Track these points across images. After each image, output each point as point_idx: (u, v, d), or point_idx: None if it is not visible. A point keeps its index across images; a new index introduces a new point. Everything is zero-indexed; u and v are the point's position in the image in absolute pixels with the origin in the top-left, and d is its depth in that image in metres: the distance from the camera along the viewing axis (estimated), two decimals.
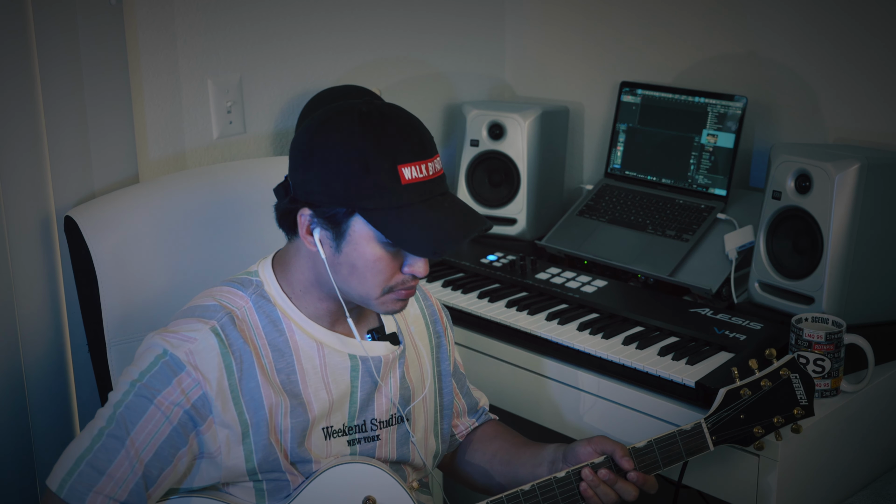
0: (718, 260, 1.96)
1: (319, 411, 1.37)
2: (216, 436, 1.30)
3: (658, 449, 1.46)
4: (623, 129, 2.24)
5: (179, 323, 1.34)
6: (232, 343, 1.32)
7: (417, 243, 1.26)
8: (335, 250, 1.30)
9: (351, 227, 1.28)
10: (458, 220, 1.29)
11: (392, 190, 1.25)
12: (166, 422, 1.28)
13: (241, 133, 2.06)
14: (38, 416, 1.77)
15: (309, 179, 1.28)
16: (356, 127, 1.26)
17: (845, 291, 1.72)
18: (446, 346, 1.56)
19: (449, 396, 1.56)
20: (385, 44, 2.30)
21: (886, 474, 1.76)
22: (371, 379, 1.41)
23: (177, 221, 1.70)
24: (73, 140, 1.75)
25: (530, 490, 1.40)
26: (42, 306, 1.75)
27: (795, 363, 1.52)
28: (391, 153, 1.25)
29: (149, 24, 1.88)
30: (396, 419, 1.45)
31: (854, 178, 1.69)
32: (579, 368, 1.79)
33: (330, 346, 1.38)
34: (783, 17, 2.08)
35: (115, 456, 1.27)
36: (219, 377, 1.30)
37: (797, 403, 1.51)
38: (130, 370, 1.32)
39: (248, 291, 1.37)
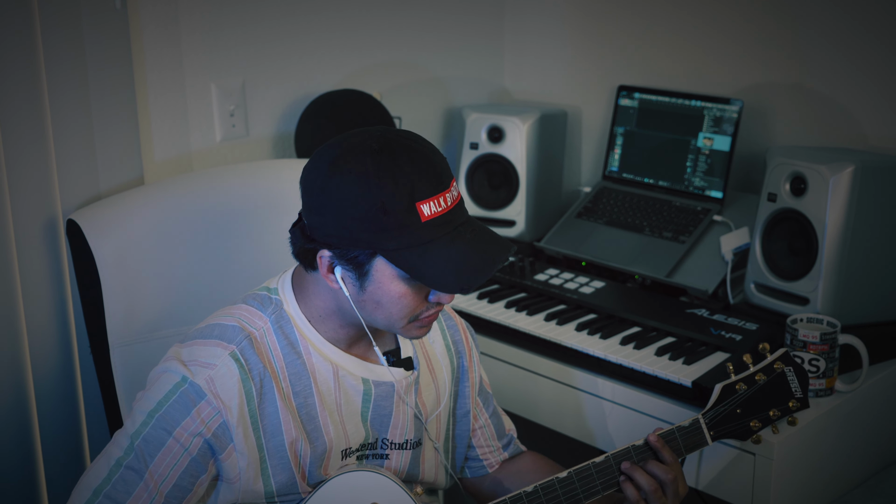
0: (715, 261, 1.97)
1: (336, 433, 1.36)
2: (236, 464, 1.29)
3: None
4: (620, 132, 2.25)
5: (198, 345, 1.31)
6: (252, 368, 1.30)
7: (443, 281, 1.23)
8: (359, 289, 1.28)
9: (374, 267, 1.25)
10: (483, 251, 1.26)
11: (413, 228, 1.21)
12: (185, 453, 1.26)
13: (244, 136, 2.07)
14: (45, 419, 1.77)
15: (326, 223, 1.25)
16: (370, 168, 1.21)
17: (840, 292, 1.73)
18: (467, 366, 1.53)
19: (463, 420, 1.53)
20: (385, 48, 2.31)
21: (881, 472, 1.77)
22: (383, 403, 1.39)
23: (180, 223, 1.70)
24: (78, 143, 1.75)
25: (567, 477, 1.39)
26: (48, 308, 1.75)
27: (789, 357, 1.52)
28: (408, 191, 1.21)
29: (153, 29, 1.88)
30: (411, 444, 1.44)
31: (848, 181, 1.69)
32: (577, 368, 1.80)
33: (345, 368, 1.36)
34: (779, 21, 2.08)
35: (134, 489, 1.25)
36: (239, 403, 1.28)
37: (792, 396, 1.51)
38: (148, 397, 1.29)
39: (268, 311, 1.35)
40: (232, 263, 1.73)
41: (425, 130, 2.45)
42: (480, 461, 1.58)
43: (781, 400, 1.50)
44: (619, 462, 1.41)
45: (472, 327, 1.59)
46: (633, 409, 1.72)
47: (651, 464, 1.41)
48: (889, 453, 1.81)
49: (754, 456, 1.57)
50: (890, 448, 1.81)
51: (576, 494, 1.40)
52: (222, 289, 1.72)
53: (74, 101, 1.73)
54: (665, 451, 1.42)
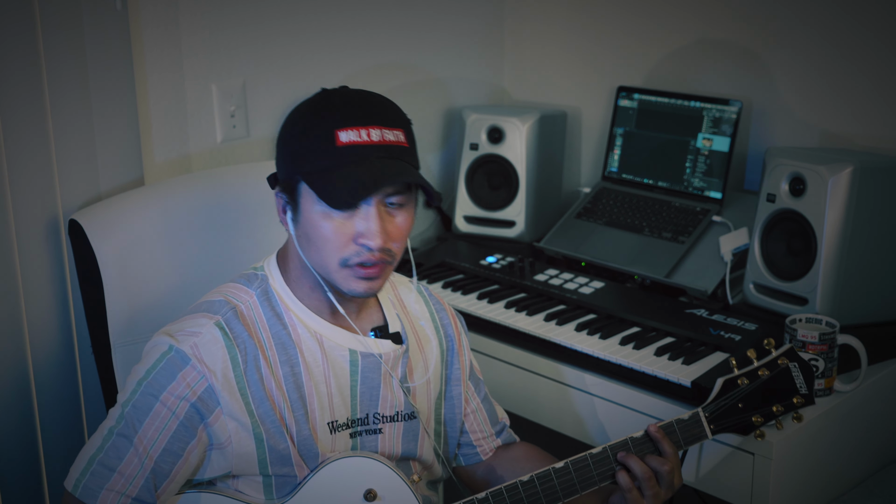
0: (714, 262, 1.97)
1: (320, 404, 1.38)
2: (225, 426, 1.32)
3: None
4: (620, 132, 2.25)
5: (186, 319, 1.36)
6: (237, 336, 1.34)
7: (338, 196, 1.26)
8: (295, 223, 1.34)
9: (301, 195, 1.31)
10: (386, 173, 1.28)
11: (327, 152, 1.27)
12: (172, 417, 1.30)
13: (245, 137, 2.07)
14: (47, 418, 1.77)
15: (276, 160, 1.36)
16: (307, 102, 1.34)
17: (839, 292, 1.73)
18: (457, 349, 1.55)
19: (454, 401, 1.55)
20: (385, 49, 2.31)
21: (879, 472, 1.77)
22: (372, 375, 1.41)
23: (181, 223, 1.70)
24: (79, 144, 1.75)
25: (563, 467, 1.40)
26: (50, 308, 1.75)
27: (794, 352, 1.51)
28: (330, 119, 1.28)
29: (154, 30, 1.88)
30: (402, 416, 1.45)
31: (847, 181, 1.70)
32: (577, 368, 1.80)
33: (331, 339, 1.39)
34: (778, 23, 2.09)
35: (125, 454, 1.30)
36: (224, 369, 1.32)
37: (797, 392, 1.50)
38: (138, 368, 1.34)
39: (254, 286, 1.40)
40: (233, 263, 1.73)
41: (425, 131, 2.45)
42: (474, 447, 1.59)
43: (785, 396, 1.50)
44: (615, 453, 1.42)
45: (463, 319, 1.61)
46: (632, 409, 1.73)
47: (648, 457, 1.42)
48: (888, 453, 1.82)
49: (753, 455, 1.57)
50: (888, 448, 1.82)
51: (572, 485, 1.40)
52: None
53: (75, 102, 1.74)
54: (665, 442, 1.43)
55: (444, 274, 2.14)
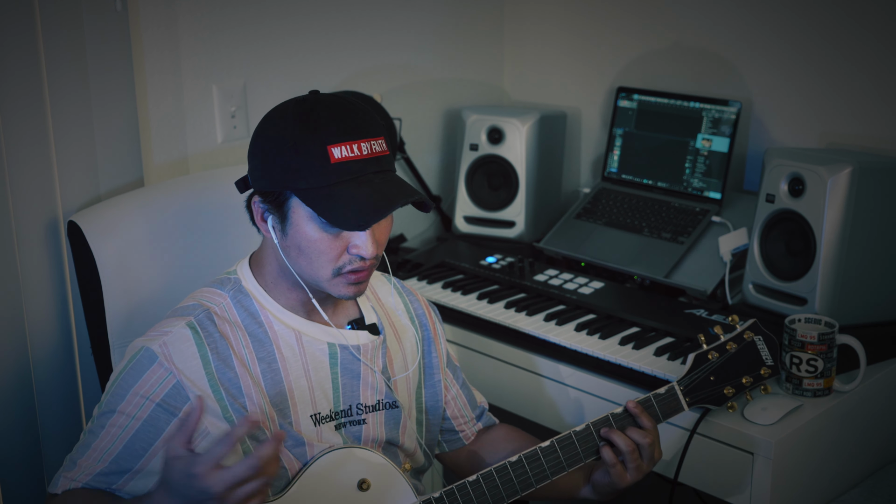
0: (713, 262, 1.98)
1: (301, 398, 1.39)
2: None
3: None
4: (619, 133, 2.26)
5: (160, 324, 1.39)
6: (208, 336, 1.36)
7: (343, 218, 1.28)
8: (283, 234, 1.35)
9: (291, 209, 1.32)
10: (388, 194, 1.31)
11: (322, 169, 1.28)
12: (137, 415, 1.32)
13: (246, 138, 2.07)
14: (47, 418, 1.78)
15: (255, 167, 1.35)
16: (289, 112, 1.32)
17: (837, 293, 1.74)
18: (432, 337, 1.58)
19: (435, 388, 1.57)
20: (385, 50, 2.32)
21: (878, 472, 1.77)
22: (351, 366, 1.44)
23: (180, 225, 1.71)
24: (79, 145, 1.76)
25: (549, 446, 1.45)
26: (50, 309, 1.76)
27: (758, 326, 1.58)
28: (321, 134, 1.29)
29: (154, 31, 1.89)
30: (383, 405, 1.47)
31: (846, 182, 1.70)
32: (577, 368, 1.81)
33: (308, 334, 1.41)
34: (778, 24, 2.09)
35: (87, 449, 1.34)
36: (193, 366, 1.33)
37: (763, 364, 1.57)
38: (114, 372, 1.38)
39: (227, 288, 1.42)
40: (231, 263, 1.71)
41: (425, 132, 2.46)
42: (457, 433, 1.62)
43: (753, 368, 1.57)
44: (598, 429, 1.47)
45: (437, 308, 1.64)
46: None
47: (630, 429, 1.47)
48: (887, 453, 1.82)
49: (752, 455, 1.58)
50: (887, 448, 1.82)
51: (559, 462, 1.45)
52: None
53: (75, 103, 1.74)
54: (644, 416, 1.48)
55: (444, 274, 2.15)
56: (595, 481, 1.50)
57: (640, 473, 1.46)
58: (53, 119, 1.72)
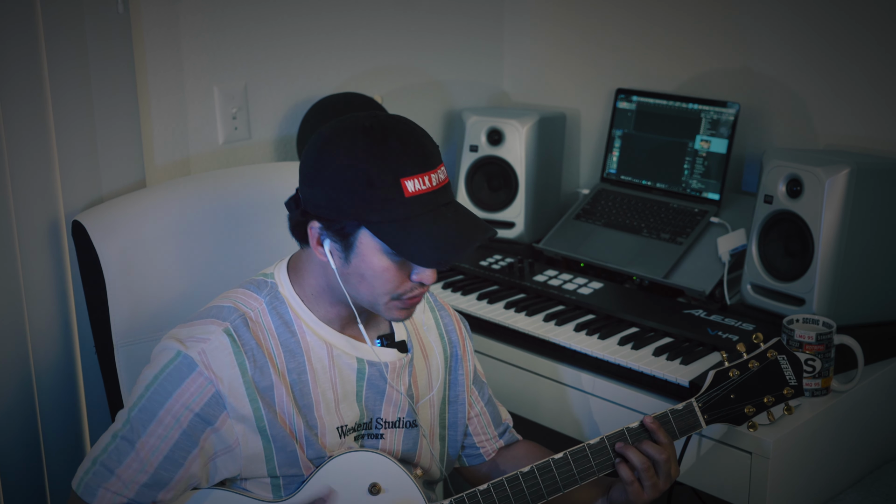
0: (712, 262, 1.98)
1: (327, 409, 1.39)
2: (232, 429, 1.32)
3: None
4: (619, 134, 2.26)
5: (195, 324, 1.36)
6: (245, 343, 1.34)
7: (422, 254, 1.27)
8: (344, 261, 1.32)
9: (358, 239, 1.30)
10: (463, 230, 1.30)
11: (396, 203, 1.26)
12: (176, 425, 1.30)
13: (247, 139, 2.08)
14: (48, 418, 1.78)
15: (316, 194, 1.30)
16: (359, 142, 1.27)
17: (835, 293, 1.74)
18: (461, 355, 1.56)
19: (460, 405, 1.56)
20: (386, 52, 2.32)
21: (876, 471, 1.78)
22: (377, 383, 1.42)
23: (183, 225, 1.71)
24: (81, 146, 1.76)
25: (562, 458, 1.43)
26: (52, 309, 1.76)
27: (782, 345, 1.53)
28: (394, 167, 1.26)
29: (155, 32, 1.89)
30: (403, 423, 1.46)
31: (844, 183, 1.70)
32: (576, 368, 1.81)
33: (339, 348, 1.40)
34: (775, 26, 2.10)
35: (125, 458, 1.31)
36: (231, 375, 1.32)
37: (786, 384, 1.52)
38: (146, 373, 1.34)
39: (263, 293, 1.39)
40: (234, 264, 1.74)
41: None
42: (477, 449, 1.61)
43: (776, 387, 1.52)
44: (613, 443, 1.44)
45: (467, 322, 1.62)
46: (631, 409, 1.73)
47: (645, 443, 1.44)
48: (884, 452, 1.83)
49: (751, 455, 1.58)
50: (885, 447, 1.83)
51: (571, 475, 1.43)
52: (225, 289, 1.69)
53: (77, 104, 1.74)
54: (660, 432, 1.45)
55: (445, 274, 2.15)
56: (612, 498, 1.47)
57: (656, 491, 1.42)
58: (55, 119, 1.72)
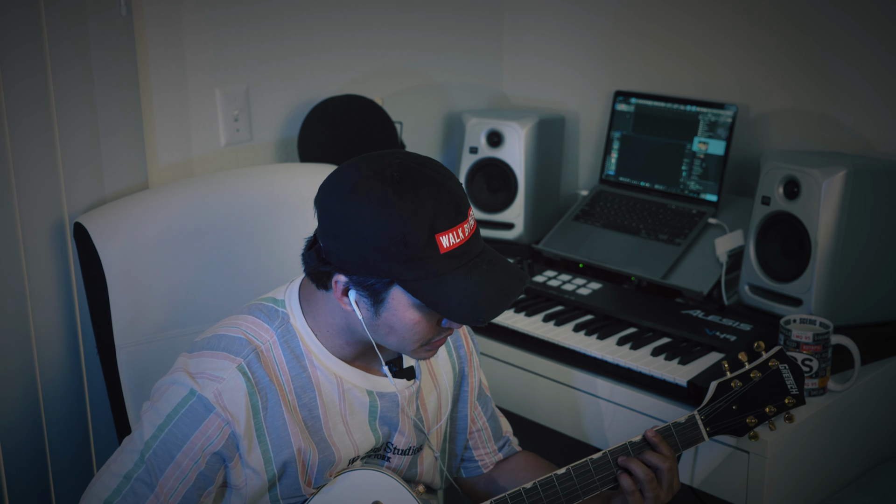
0: (709, 263, 1.99)
1: (341, 443, 1.37)
2: (241, 472, 1.31)
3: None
4: (617, 136, 2.27)
5: (205, 356, 1.31)
6: (258, 381, 1.30)
7: (459, 312, 1.23)
8: (373, 315, 1.28)
9: (390, 295, 1.25)
10: (499, 284, 1.26)
11: (431, 260, 1.21)
12: (194, 466, 1.28)
13: (248, 140, 2.08)
14: (52, 419, 1.78)
15: (343, 249, 1.24)
16: (391, 198, 1.20)
17: (832, 294, 1.75)
18: (468, 371, 1.54)
19: (461, 421, 1.56)
20: (386, 55, 2.32)
21: (872, 470, 1.78)
22: (389, 414, 1.40)
23: (185, 226, 1.71)
24: (85, 147, 1.76)
25: (565, 473, 1.41)
26: (56, 310, 1.76)
27: (784, 354, 1.53)
28: (428, 224, 1.21)
29: (158, 35, 1.89)
30: (413, 451, 1.46)
31: (841, 184, 1.71)
32: (575, 368, 1.82)
33: (350, 381, 1.37)
34: (772, 28, 2.10)
35: (144, 501, 1.27)
36: (246, 417, 1.29)
37: (788, 393, 1.52)
38: (157, 409, 1.29)
39: (274, 324, 1.34)
40: (236, 265, 1.75)
41: (425, 135, 2.47)
42: (476, 462, 1.60)
43: (777, 397, 1.52)
44: (616, 457, 1.43)
45: (472, 330, 1.60)
46: (629, 409, 1.74)
47: (647, 453, 1.43)
48: (880, 451, 1.83)
49: (748, 454, 1.59)
50: (881, 446, 1.83)
51: (574, 491, 1.42)
52: (226, 291, 1.73)
53: (81, 106, 1.75)
54: (662, 445, 1.44)
55: None
56: None
57: (658, 503, 1.41)
58: (59, 121, 1.72)
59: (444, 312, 1.25)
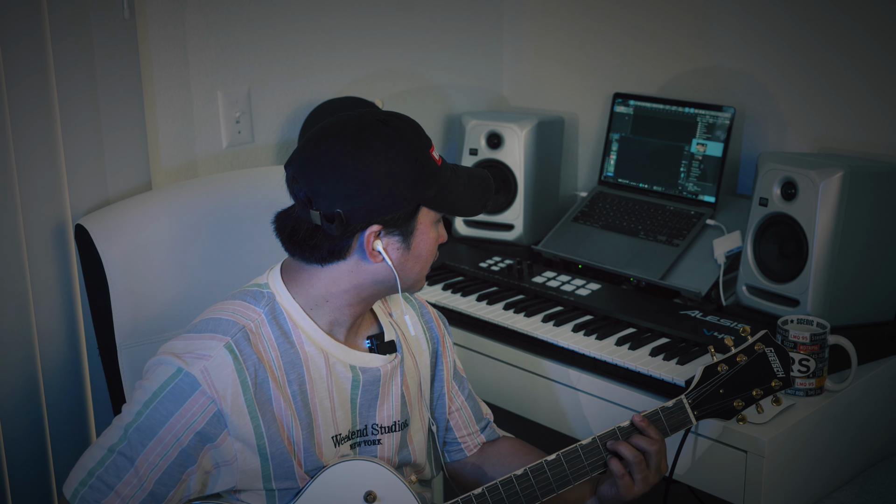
0: (707, 264, 1.99)
1: (324, 419, 1.39)
2: (231, 446, 1.32)
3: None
4: (616, 138, 2.27)
5: (192, 338, 1.34)
6: (246, 359, 1.32)
7: (471, 208, 1.42)
8: (405, 249, 1.37)
9: (417, 220, 1.36)
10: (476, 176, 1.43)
11: (438, 173, 1.36)
12: (176, 443, 1.29)
13: (250, 142, 2.09)
14: (55, 419, 1.79)
15: (369, 200, 1.31)
16: (393, 134, 1.33)
17: (829, 294, 1.76)
18: (441, 350, 1.57)
19: (439, 399, 1.57)
20: (386, 57, 2.33)
21: (869, 469, 1.79)
22: (371, 389, 1.43)
23: (186, 228, 1.71)
24: (88, 149, 1.77)
25: (555, 459, 1.44)
26: (58, 311, 1.77)
27: (769, 338, 1.54)
28: (423, 144, 1.36)
29: (161, 39, 1.90)
30: (399, 426, 1.47)
31: (838, 186, 1.72)
32: (574, 368, 1.82)
33: (335, 356, 1.39)
34: (771, 31, 2.11)
35: (124, 474, 1.29)
36: (234, 393, 1.30)
37: (774, 376, 1.53)
38: (145, 387, 1.31)
39: (261, 304, 1.37)
40: (237, 266, 1.75)
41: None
42: (458, 444, 1.61)
43: (764, 380, 1.53)
44: (605, 442, 1.45)
45: (444, 316, 1.63)
46: (628, 408, 1.74)
47: (636, 437, 1.45)
48: (877, 451, 1.84)
49: (746, 453, 1.59)
50: (878, 445, 1.84)
51: (565, 476, 1.44)
52: (227, 291, 1.71)
53: (84, 109, 1.75)
54: (651, 429, 1.46)
55: (445, 276, 2.17)
56: (601, 494, 1.48)
57: (646, 485, 1.44)
58: (62, 123, 1.73)
59: (460, 213, 1.42)
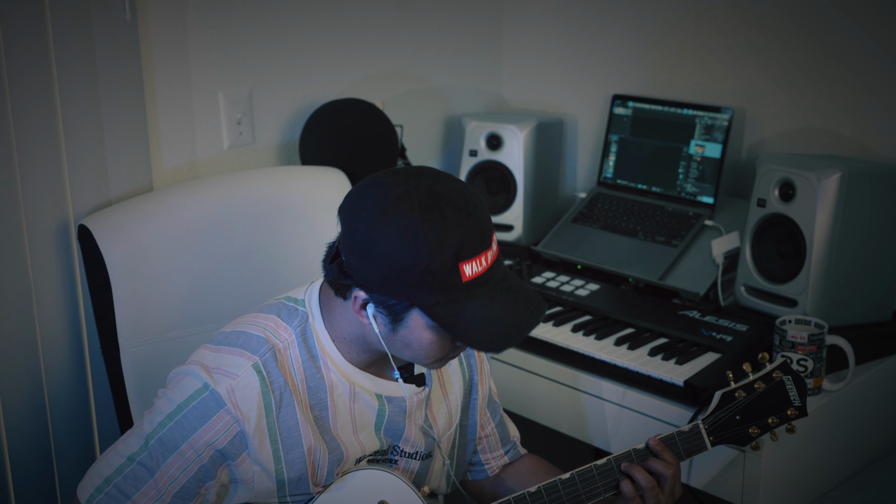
0: (706, 264, 1.99)
1: (349, 444, 1.38)
2: (249, 468, 1.32)
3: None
4: (615, 139, 2.27)
5: (223, 351, 1.32)
6: (273, 380, 1.31)
7: (477, 340, 1.25)
8: (390, 331, 1.29)
9: (409, 316, 1.26)
10: (517, 313, 1.26)
11: (453, 287, 1.22)
12: (197, 459, 1.29)
13: (251, 143, 2.09)
14: (58, 419, 1.79)
15: (367, 269, 1.24)
16: (419, 226, 1.20)
17: (827, 294, 1.76)
18: (477, 380, 1.54)
19: (470, 428, 1.56)
20: (387, 59, 2.33)
21: (867, 469, 1.79)
22: (396, 418, 1.41)
23: (188, 228, 1.71)
24: (90, 150, 1.77)
25: (569, 478, 1.42)
26: (61, 311, 1.77)
27: (787, 366, 1.53)
28: (453, 252, 1.20)
29: (162, 40, 1.90)
30: (420, 455, 1.46)
31: (835, 187, 1.72)
32: (573, 368, 1.83)
33: (360, 385, 1.38)
34: (768, 32, 2.11)
35: (142, 485, 1.28)
36: (258, 415, 1.29)
37: (791, 404, 1.52)
38: (169, 397, 1.31)
39: (294, 324, 1.35)
40: (238, 266, 1.75)
41: (426, 138, 2.47)
42: (482, 466, 1.61)
43: (780, 408, 1.52)
44: (619, 463, 1.43)
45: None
46: (627, 408, 1.75)
47: (651, 460, 1.43)
48: (875, 450, 1.84)
49: (744, 453, 1.59)
50: (876, 445, 1.84)
51: (578, 495, 1.42)
52: (229, 292, 1.74)
53: (86, 110, 1.75)
54: (666, 453, 1.44)
55: None
56: None
57: None
58: (64, 124, 1.73)
59: (461, 338, 1.26)
